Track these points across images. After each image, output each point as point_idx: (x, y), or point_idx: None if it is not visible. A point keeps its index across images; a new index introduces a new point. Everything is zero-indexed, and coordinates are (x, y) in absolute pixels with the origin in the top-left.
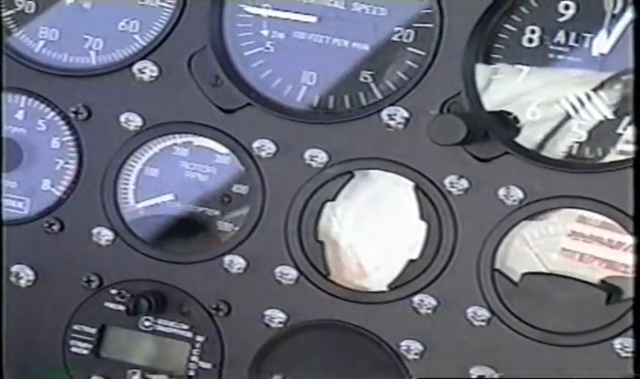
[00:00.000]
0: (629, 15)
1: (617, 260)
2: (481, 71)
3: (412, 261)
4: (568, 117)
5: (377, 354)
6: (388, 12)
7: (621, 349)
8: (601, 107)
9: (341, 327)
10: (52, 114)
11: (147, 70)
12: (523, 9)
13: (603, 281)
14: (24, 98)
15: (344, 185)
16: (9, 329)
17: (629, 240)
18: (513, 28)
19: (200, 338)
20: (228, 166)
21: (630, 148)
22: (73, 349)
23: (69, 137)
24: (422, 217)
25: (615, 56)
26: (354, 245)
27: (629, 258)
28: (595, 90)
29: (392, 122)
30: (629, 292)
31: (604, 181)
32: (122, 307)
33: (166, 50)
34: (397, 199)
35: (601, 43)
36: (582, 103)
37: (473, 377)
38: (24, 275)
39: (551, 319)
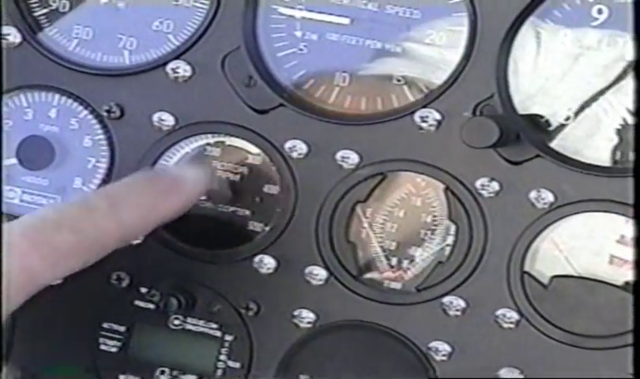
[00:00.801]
0: None
1: None
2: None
3: (440, 263)
4: (600, 120)
5: (405, 355)
6: (421, 14)
7: None
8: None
9: (370, 328)
10: (85, 112)
11: (180, 70)
12: (556, 12)
13: (628, 283)
14: (57, 96)
15: (375, 187)
16: (39, 327)
17: None
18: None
19: (229, 337)
20: (260, 166)
21: None
22: (103, 347)
23: (102, 136)
24: (451, 219)
25: None
26: (384, 247)
27: None
28: (623, 92)
29: (424, 124)
30: None
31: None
32: (151, 306)
33: (199, 50)
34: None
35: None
36: (612, 106)
37: None
38: None
39: (580, 322)
